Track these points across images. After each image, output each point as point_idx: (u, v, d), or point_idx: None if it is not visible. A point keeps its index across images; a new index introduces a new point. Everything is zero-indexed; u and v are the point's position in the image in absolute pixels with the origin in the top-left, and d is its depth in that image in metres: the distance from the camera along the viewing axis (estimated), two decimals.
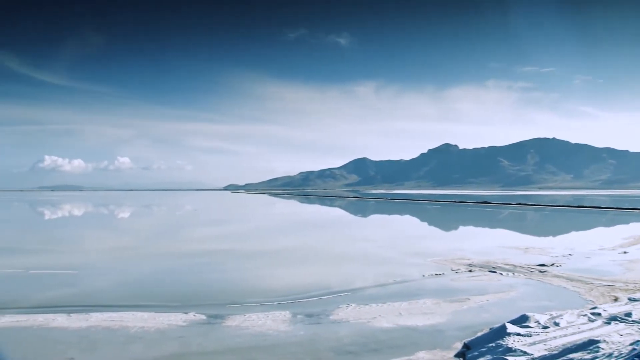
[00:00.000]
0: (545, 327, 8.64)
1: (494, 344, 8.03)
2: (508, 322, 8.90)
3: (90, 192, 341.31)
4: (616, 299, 12.01)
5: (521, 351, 7.47)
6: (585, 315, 9.49)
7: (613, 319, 9.07)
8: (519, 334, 8.27)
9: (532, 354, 7.31)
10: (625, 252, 20.63)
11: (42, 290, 13.53)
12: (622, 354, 6.61)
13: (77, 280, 15.17)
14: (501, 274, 15.91)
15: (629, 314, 9.21)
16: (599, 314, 9.48)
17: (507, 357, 7.33)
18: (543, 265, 17.40)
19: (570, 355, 7.02)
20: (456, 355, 8.21)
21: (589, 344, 7.24)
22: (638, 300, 11.33)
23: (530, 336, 8.17)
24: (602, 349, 6.98)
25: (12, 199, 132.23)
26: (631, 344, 6.96)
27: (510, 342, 7.94)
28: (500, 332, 8.48)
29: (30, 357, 8.26)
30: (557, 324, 8.81)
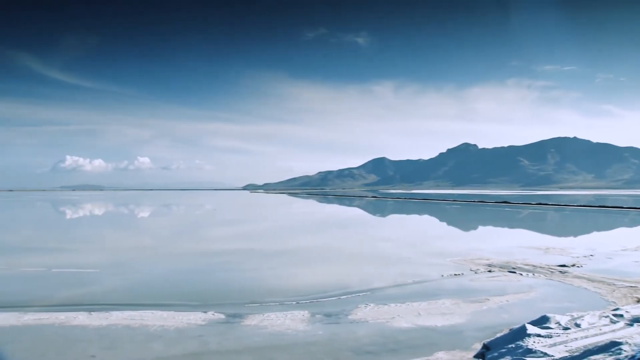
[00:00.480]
0: (566, 329, 8.55)
1: (513, 345, 7.96)
2: (528, 323, 8.82)
3: (111, 192, 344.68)
4: (639, 300, 11.85)
5: (541, 352, 7.39)
6: (607, 316, 9.37)
7: (636, 320, 8.95)
8: (539, 335, 8.19)
9: (552, 356, 7.23)
10: None
11: (63, 289, 13.70)
12: None
13: (97, 278, 15.32)
14: (521, 274, 15.77)
15: None
16: (622, 316, 9.35)
17: (527, 358, 7.27)
18: (564, 265, 17.22)
19: (592, 357, 6.94)
20: (475, 356, 8.15)
21: (611, 346, 7.15)
22: None
23: (551, 337, 8.09)
24: (625, 350, 6.89)
25: (34, 199, 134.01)
26: None
27: (530, 343, 7.87)
28: (520, 333, 8.40)
29: (52, 354, 8.36)
30: (578, 326, 8.72)
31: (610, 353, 6.90)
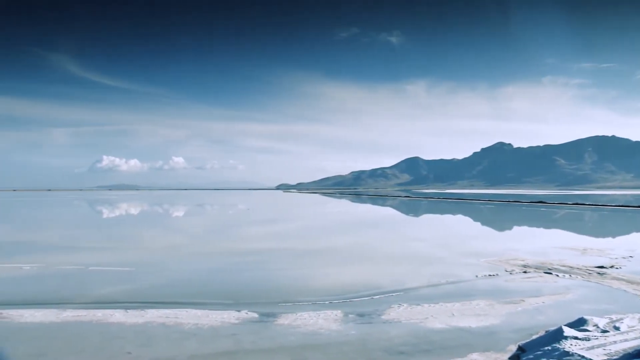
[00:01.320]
0: (604, 331, 8.38)
1: (549, 347, 7.84)
2: (565, 325, 8.67)
3: (146, 192, 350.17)
4: None
5: (579, 355, 7.26)
6: None
7: None
8: (576, 338, 8.04)
9: (590, 359, 7.10)
10: None
11: (100, 287, 13.97)
12: None
13: (133, 277, 15.59)
14: (557, 275, 15.50)
15: None
16: None
17: None
18: (602, 267, 16.87)
19: None
20: (510, 358, 8.05)
21: None
22: None
23: (589, 340, 7.94)
24: None
25: (72, 198, 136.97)
26: None
27: (567, 345, 7.74)
28: (556, 335, 8.26)
29: (90, 350, 8.53)
30: (617, 328, 8.53)
31: None
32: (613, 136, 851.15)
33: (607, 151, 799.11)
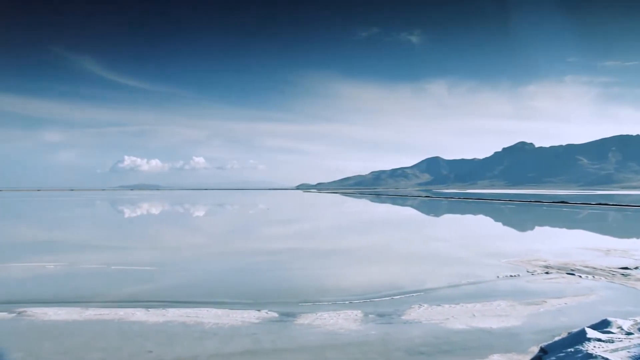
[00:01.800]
0: (628, 334, 8.26)
1: (572, 349, 7.74)
2: (588, 326, 8.56)
3: (167, 192, 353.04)
4: None
5: (602, 358, 7.16)
6: None
7: None
8: (599, 340, 7.93)
9: None
10: None
11: (122, 286, 14.12)
12: None
13: (154, 276, 15.70)
14: (580, 276, 15.31)
15: None
16: None
17: None
18: (626, 268, 16.63)
19: None
20: None
21: None
22: None
23: (612, 342, 7.83)
24: None
25: (95, 198, 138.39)
26: None
27: (590, 347, 7.64)
28: (579, 336, 8.16)
29: (112, 348, 8.62)
30: None
31: None
32: (638, 135, 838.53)
33: (631, 150, 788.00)
